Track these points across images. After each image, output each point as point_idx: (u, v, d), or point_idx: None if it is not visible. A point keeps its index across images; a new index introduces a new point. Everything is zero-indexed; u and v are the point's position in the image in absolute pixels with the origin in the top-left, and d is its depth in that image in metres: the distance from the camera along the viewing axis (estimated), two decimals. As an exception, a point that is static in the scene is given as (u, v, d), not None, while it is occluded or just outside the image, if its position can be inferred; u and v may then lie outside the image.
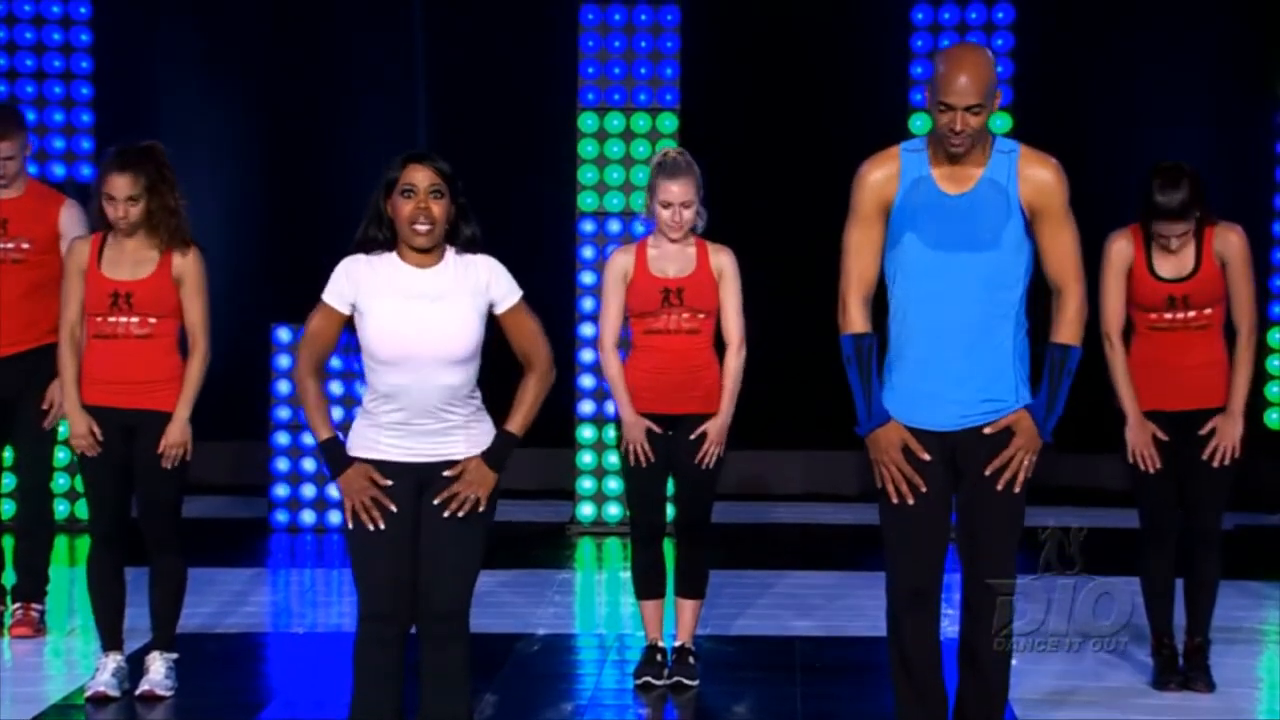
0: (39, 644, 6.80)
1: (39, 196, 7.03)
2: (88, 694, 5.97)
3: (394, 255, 4.78)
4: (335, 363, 9.23)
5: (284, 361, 9.38)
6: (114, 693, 5.96)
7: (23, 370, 6.79)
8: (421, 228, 4.69)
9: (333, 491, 9.21)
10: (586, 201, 9.43)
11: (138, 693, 5.98)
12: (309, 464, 9.32)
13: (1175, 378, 6.05)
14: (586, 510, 9.37)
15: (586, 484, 9.37)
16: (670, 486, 6.24)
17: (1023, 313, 4.68)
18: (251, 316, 10.03)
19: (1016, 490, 4.65)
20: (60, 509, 8.89)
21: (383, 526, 4.71)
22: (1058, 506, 9.42)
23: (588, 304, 9.44)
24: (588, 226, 9.44)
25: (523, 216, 10.30)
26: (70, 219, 6.94)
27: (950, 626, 4.83)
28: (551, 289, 9.90)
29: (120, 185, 5.89)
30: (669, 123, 9.38)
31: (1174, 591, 6.17)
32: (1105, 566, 7.94)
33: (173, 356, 6.02)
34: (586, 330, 9.45)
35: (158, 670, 6.02)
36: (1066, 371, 4.65)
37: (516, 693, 6.08)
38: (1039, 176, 4.64)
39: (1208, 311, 6.04)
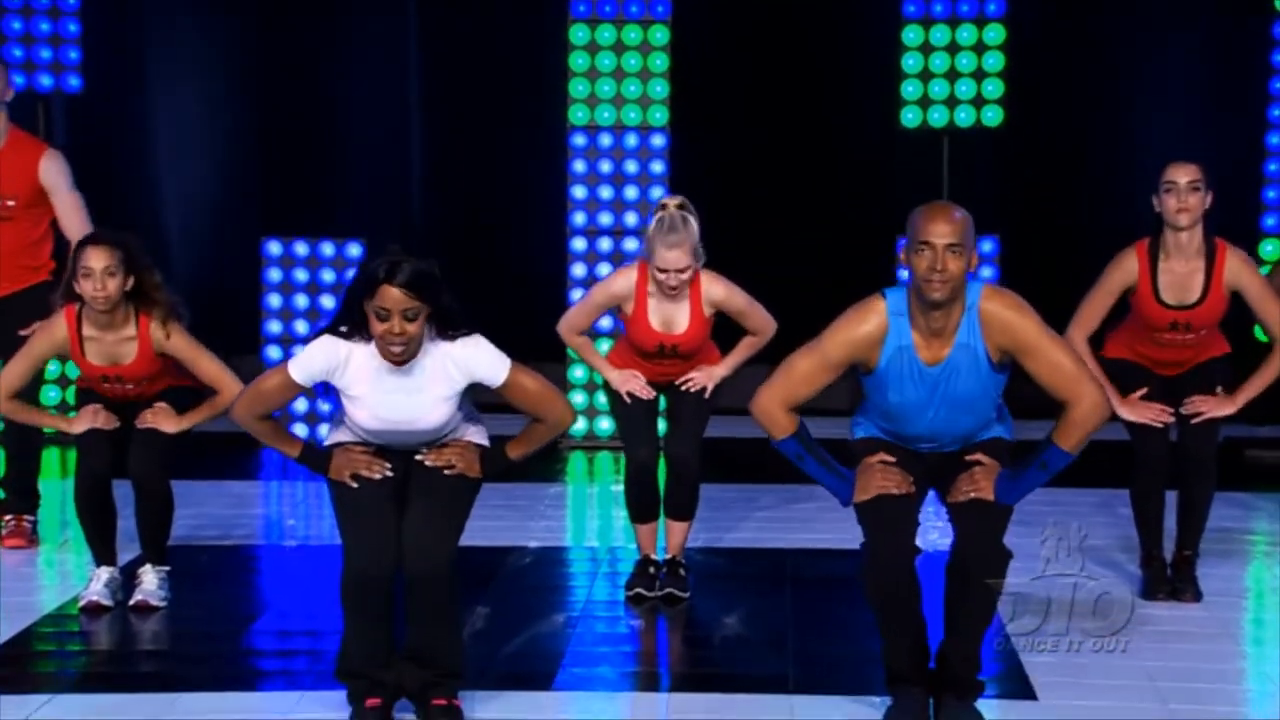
0: (31, 555, 6.82)
1: (20, 148, 6.91)
2: (81, 604, 5.99)
3: (371, 347, 4.74)
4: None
5: (275, 275, 9.36)
6: (107, 602, 5.99)
7: (14, 308, 6.81)
8: (395, 349, 4.67)
9: (324, 406, 9.22)
10: (578, 115, 9.38)
11: (131, 603, 6.01)
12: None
13: (1170, 368, 6.15)
14: (578, 424, 9.38)
15: (578, 398, 9.38)
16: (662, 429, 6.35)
17: (1000, 402, 4.79)
18: (241, 229, 10.00)
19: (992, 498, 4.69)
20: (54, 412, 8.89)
21: (389, 474, 4.78)
22: (1049, 420, 9.45)
23: (579, 218, 9.42)
24: (579, 140, 9.40)
25: (514, 130, 10.25)
26: (50, 170, 6.86)
27: (937, 538, 4.85)
28: (543, 205, 9.90)
29: (97, 255, 5.81)
30: (661, 35, 9.32)
31: (1164, 506, 6.20)
32: (1097, 479, 8.00)
33: (171, 379, 6.06)
34: (578, 244, 9.43)
35: (150, 582, 6.04)
36: (1042, 464, 4.66)
37: (508, 605, 6.11)
38: (1001, 322, 4.61)
39: (1203, 332, 6.08)
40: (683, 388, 6.23)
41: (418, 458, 4.85)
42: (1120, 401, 6.06)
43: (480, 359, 4.74)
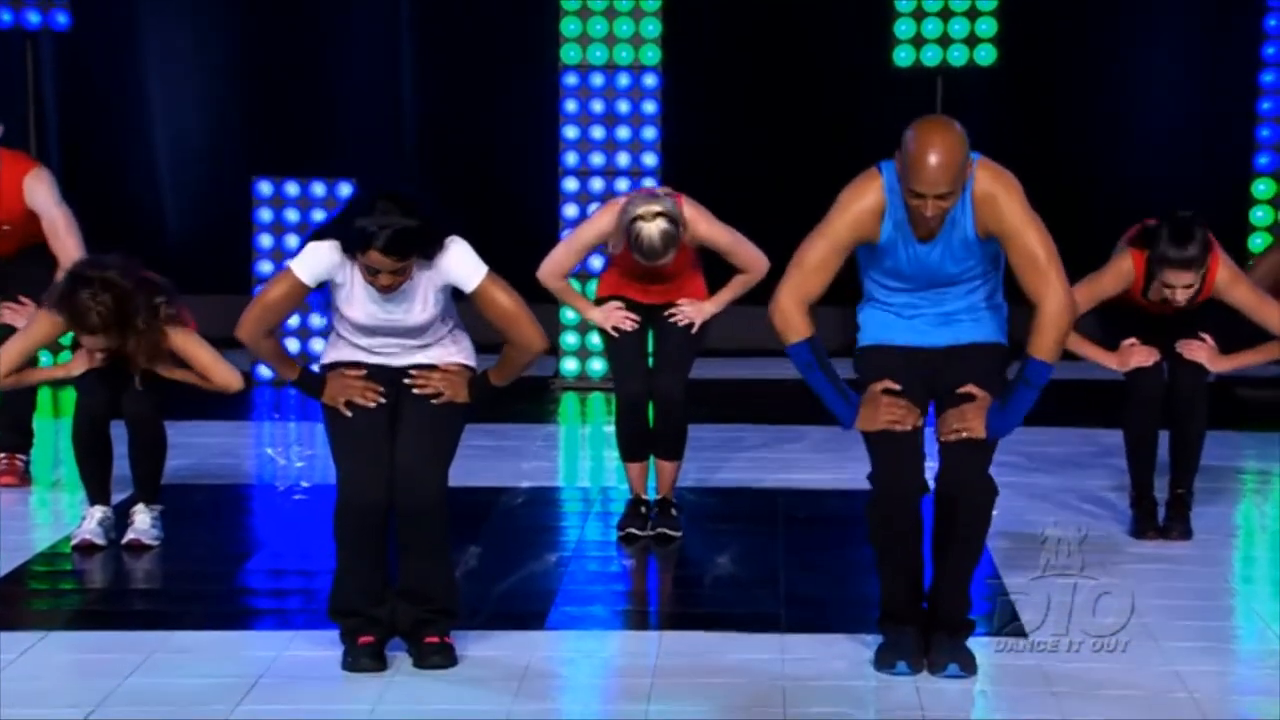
0: (24, 494, 6.83)
1: (8, 173, 6.78)
2: (74, 542, 6.01)
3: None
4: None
5: (265, 215, 9.34)
6: (100, 541, 6.00)
7: (13, 263, 6.81)
8: (384, 293, 4.74)
9: (317, 346, 9.21)
10: (570, 54, 9.33)
11: (124, 542, 6.02)
12: (292, 319, 9.29)
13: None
14: (570, 365, 9.39)
15: (570, 339, 9.38)
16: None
17: (994, 284, 4.73)
18: (232, 169, 9.96)
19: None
20: (44, 360, 8.88)
21: (383, 401, 4.77)
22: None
23: (571, 158, 9.38)
24: (571, 80, 9.36)
25: (506, 70, 10.21)
26: (34, 193, 6.75)
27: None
28: (534, 145, 9.86)
29: (94, 342, 5.78)
30: (653, -26, 9.26)
31: (1156, 444, 6.22)
32: (1087, 419, 8.01)
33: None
34: (570, 185, 9.40)
35: (143, 520, 6.05)
36: (1024, 382, 4.60)
37: (500, 544, 6.13)
38: (990, 203, 4.58)
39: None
40: (670, 319, 6.20)
41: (406, 381, 4.83)
42: (1109, 356, 6.07)
43: (455, 261, 4.75)
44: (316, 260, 4.74)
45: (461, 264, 4.75)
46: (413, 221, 4.63)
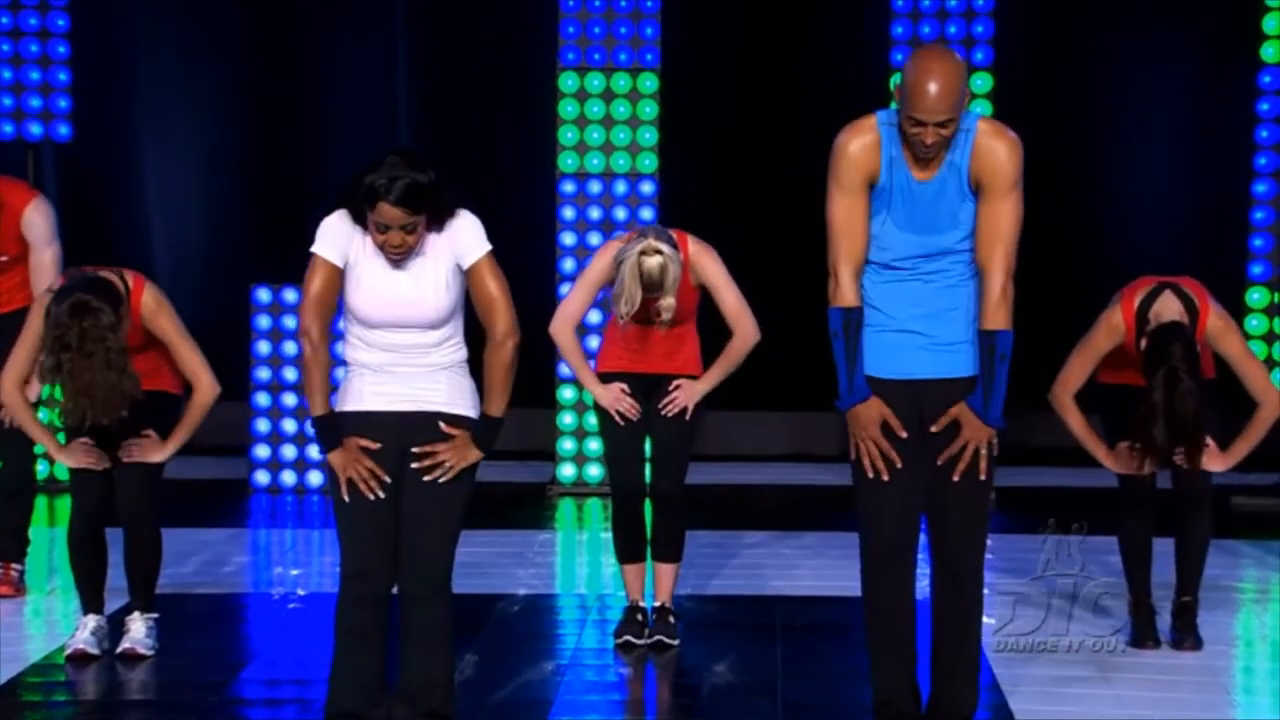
0: (19, 604, 6.80)
1: (8, 202, 6.81)
2: (68, 652, 5.97)
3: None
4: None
5: (264, 322, 9.36)
6: (94, 651, 5.96)
7: (7, 328, 6.78)
8: (395, 255, 4.73)
9: (313, 453, 9.20)
10: (567, 162, 9.41)
11: (118, 651, 5.98)
12: (289, 425, 9.30)
13: None
14: (567, 471, 9.38)
15: (567, 445, 9.39)
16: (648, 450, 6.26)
17: (975, 271, 4.70)
18: (230, 277, 10.01)
19: (981, 477, 4.66)
20: (40, 469, 8.88)
21: (381, 495, 4.74)
22: (1034, 467, 9.50)
23: (568, 265, 9.44)
24: (568, 187, 9.43)
25: (503, 177, 10.28)
26: (31, 224, 6.79)
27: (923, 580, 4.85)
28: (532, 250, 9.91)
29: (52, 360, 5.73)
30: (650, 83, 9.35)
31: (1152, 550, 6.19)
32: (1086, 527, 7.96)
33: (161, 365, 5.97)
34: (566, 291, 9.43)
35: (138, 630, 6.02)
36: (998, 357, 4.63)
37: (497, 653, 6.10)
38: (990, 153, 4.60)
39: None
40: (663, 411, 6.17)
41: (415, 466, 4.73)
42: (1106, 455, 6.05)
43: (464, 229, 4.77)
44: (332, 234, 4.75)
45: (469, 233, 4.77)
46: (423, 176, 4.66)
